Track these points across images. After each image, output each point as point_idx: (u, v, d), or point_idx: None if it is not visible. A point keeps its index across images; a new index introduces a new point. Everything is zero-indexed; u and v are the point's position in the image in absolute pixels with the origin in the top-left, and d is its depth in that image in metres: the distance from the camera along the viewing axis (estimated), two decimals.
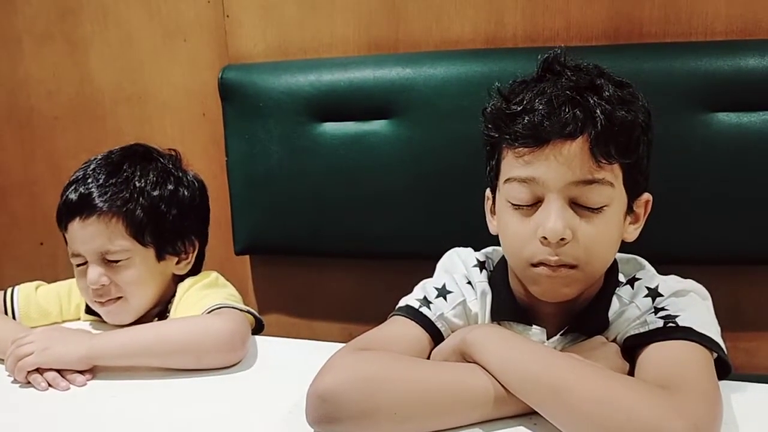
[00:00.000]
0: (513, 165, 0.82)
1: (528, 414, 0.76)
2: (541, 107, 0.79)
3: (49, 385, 0.94)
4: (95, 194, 1.05)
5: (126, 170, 1.09)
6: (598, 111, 0.78)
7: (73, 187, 1.08)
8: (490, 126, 0.85)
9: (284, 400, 0.86)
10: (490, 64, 1.25)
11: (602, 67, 0.85)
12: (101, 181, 1.07)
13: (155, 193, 1.09)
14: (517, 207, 0.82)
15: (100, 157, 1.12)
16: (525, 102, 0.81)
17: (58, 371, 0.95)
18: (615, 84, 0.82)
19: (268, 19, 1.44)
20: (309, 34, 1.42)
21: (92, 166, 1.10)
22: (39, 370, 0.95)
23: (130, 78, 1.58)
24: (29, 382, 0.94)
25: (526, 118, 0.79)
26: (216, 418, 0.85)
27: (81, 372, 0.96)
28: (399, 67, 1.31)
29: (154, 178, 1.10)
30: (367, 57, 1.37)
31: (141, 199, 1.07)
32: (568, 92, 0.79)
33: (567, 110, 0.78)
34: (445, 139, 1.28)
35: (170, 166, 1.14)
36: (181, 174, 1.14)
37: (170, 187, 1.11)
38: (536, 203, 0.81)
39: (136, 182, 1.08)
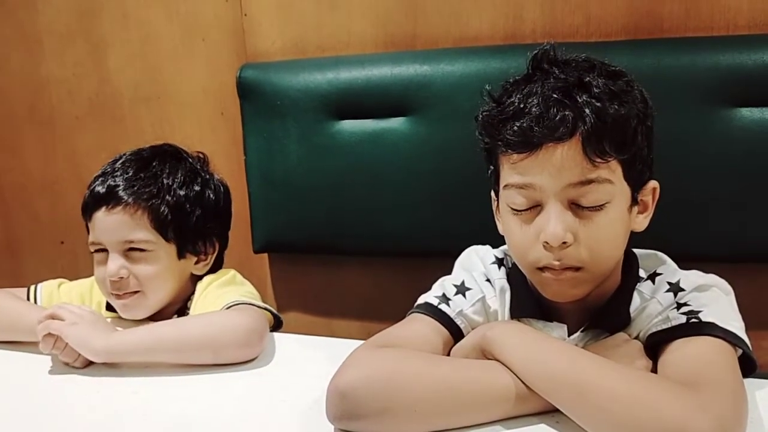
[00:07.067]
0: (509, 172, 0.81)
1: (550, 412, 0.75)
2: (530, 111, 0.77)
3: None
4: (123, 186, 1.07)
5: (155, 167, 1.10)
6: (587, 110, 0.76)
7: (101, 179, 1.09)
8: (483, 132, 0.84)
9: (304, 397, 0.86)
10: (508, 61, 1.24)
11: (593, 59, 0.82)
12: (129, 175, 1.08)
13: (182, 192, 1.10)
14: (517, 212, 0.82)
15: (129, 153, 1.13)
16: (514, 106, 0.79)
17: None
18: (607, 76, 0.79)
19: (285, 18, 1.44)
20: (326, 32, 1.42)
21: (121, 161, 1.11)
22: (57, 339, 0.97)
23: (150, 77, 1.59)
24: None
25: (516, 124, 0.78)
26: (236, 415, 0.85)
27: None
28: (417, 64, 1.31)
29: (182, 178, 1.11)
30: (385, 54, 1.37)
31: (167, 195, 1.08)
32: (555, 94, 0.77)
33: (556, 113, 0.76)
34: (464, 136, 1.23)
35: (198, 167, 1.15)
36: (208, 176, 1.16)
37: (197, 188, 1.12)
38: (536, 206, 0.80)
39: (164, 179, 1.09)
